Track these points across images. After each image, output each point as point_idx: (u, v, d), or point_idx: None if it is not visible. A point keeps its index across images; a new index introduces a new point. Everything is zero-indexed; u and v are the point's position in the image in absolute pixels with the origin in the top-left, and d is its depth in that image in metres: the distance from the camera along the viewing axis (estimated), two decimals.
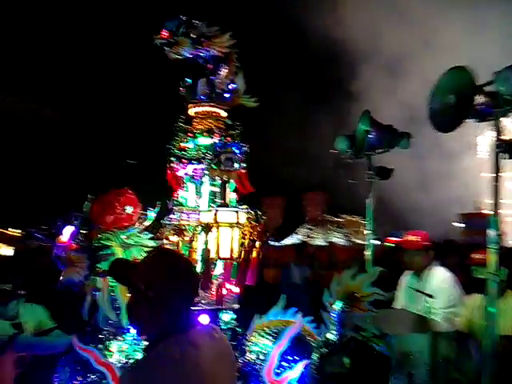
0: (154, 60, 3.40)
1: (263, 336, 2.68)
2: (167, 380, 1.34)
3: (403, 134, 4.24)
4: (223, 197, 2.72)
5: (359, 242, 14.76)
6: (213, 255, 2.46)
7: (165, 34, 2.91)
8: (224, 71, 3.04)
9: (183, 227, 2.57)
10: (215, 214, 2.56)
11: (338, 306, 2.73)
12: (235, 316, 2.73)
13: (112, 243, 2.67)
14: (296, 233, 21.07)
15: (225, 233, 2.47)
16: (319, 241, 17.43)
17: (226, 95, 3.05)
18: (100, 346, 2.50)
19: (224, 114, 3.04)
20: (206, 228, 2.44)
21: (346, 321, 2.72)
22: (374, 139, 4.14)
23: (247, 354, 2.61)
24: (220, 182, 2.75)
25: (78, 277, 2.56)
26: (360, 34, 20.14)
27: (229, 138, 2.90)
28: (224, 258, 2.48)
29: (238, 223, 2.55)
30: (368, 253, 4.32)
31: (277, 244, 10.60)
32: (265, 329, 2.72)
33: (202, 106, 2.98)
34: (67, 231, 2.57)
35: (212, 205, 2.68)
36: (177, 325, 1.45)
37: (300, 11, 20.88)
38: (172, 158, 2.84)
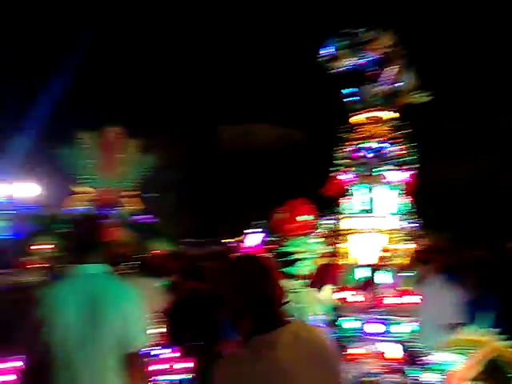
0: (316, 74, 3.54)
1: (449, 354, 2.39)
2: (235, 380, 1.40)
3: None
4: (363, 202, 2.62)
5: None
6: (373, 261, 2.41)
7: (326, 51, 3.05)
8: (388, 72, 2.94)
9: (346, 233, 2.62)
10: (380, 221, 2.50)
11: None
12: (410, 328, 2.53)
13: (298, 249, 2.96)
14: None
15: (361, 239, 2.38)
16: None
17: (392, 97, 2.93)
18: None
19: (390, 116, 2.92)
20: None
21: None
22: None
23: (425, 371, 2.38)
24: (379, 187, 2.66)
25: None
26: None
27: (395, 141, 2.77)
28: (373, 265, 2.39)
29: (392, 230, 2.41)
30: None
31: None
32: (452, 347, 2.42)
33: (366, 112, 2.96)
34: (251, 238, 2.98)
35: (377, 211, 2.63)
36: (258, 326, 1.47)
37: None
38: (337, 168, 2.91)
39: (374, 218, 2.63)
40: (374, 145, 2.83)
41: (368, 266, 2.48)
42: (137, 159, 5.71)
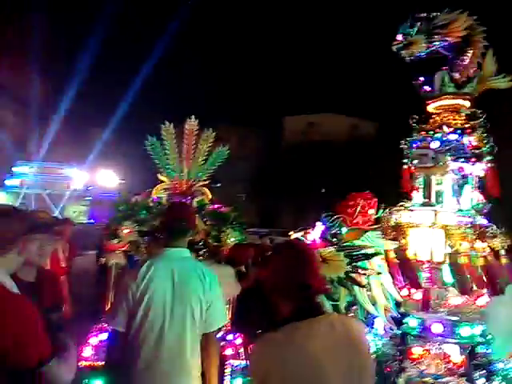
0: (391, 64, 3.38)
1: None
2: (267, 361, 1.45)
3: None
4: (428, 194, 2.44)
5: None
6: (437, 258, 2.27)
7: (400, 38, 2.89)
8: (466, 57, 2.74)
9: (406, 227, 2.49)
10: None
11: None
12: (479, 331, 2.37)
13: (365, 243, 2.87)
14: None
15: (421, 234, 2.23)
16: None
17: (470, 84, 2.73)
18: None
19: (467, 104, 2.72)
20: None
21: None
22: None
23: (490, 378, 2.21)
24: (448, 180, 2.49)
25: None
26: None
27: (469, 130, 2.58)
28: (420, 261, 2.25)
29: (460, 226, 2.24)
30: None
31: None
32: None
33: (441, 100, 2.78)
34: (315, 231, 2.92)
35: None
36: (294, 313, 1.50)
37: None
38: (407, 160, 2.77)
39: (437, 211, 2.46)
40: (448, 135, 2.65)
41: (430, 262, 2.33)
42: (212, 151, 5.85)
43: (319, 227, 2.91)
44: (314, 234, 2.91)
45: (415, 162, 2.55)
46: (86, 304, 4.61)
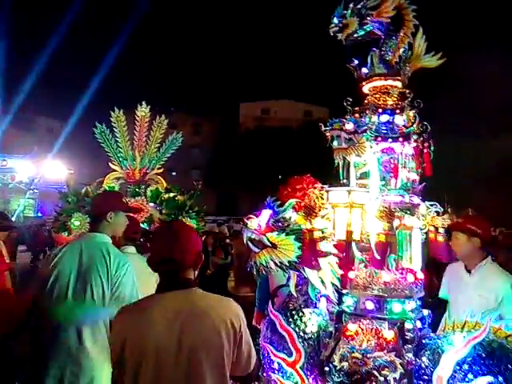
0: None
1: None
2: (123, 329, 1.68)
3: None
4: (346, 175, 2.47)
5: None
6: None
7: (335, 21, 2.86)
8: (397, 37, 2.76)
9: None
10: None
11: None
12: (411, 306, 2.44)
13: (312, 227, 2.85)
14: None
15: (340, 214, 2.26)
16: None
17: (402, 63, 2.76)
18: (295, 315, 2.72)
19: (398, 84, 2.76)
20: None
21: None
22: None
23: (423, 353, 2.29)
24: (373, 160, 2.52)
25: None
26: None
27: (398, 111, 2.61)
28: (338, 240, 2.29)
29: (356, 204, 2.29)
30: None
31: None
32: (455, 330, 2.33)
33: (372, 81, 2.80)
34: (261, 216, 2.84)
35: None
36: (158, 285, 1.71)
37: None
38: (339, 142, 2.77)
39: (351, 191, 2.46)
40: (379, 116, 2.68)
41: (353, 241, 2.35)
42: (165, 138, 5.87)
43: (266, 212, 2.85)
44: (260, 219, 2.83)
45: (333, 143, 2.53)
46: None
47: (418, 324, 2.47)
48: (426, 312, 2.60)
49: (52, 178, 21.32)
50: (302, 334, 2.63)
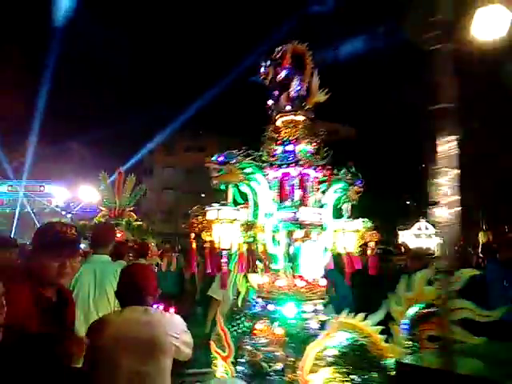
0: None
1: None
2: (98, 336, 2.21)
3: None
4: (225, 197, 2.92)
5: None
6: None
7: (261, 70, 3.39)
8: (300, 79, 3.26)
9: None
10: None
11: (409, 315, 2.38)
12: (306, 308, 2.87)
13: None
14: None
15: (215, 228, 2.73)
16: None
17: (304, 101, 3.25)
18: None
19: (301, 118, 3.24)
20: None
21: None
22: None
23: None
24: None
25: None
26: None
27: (294, 140, 3.11)
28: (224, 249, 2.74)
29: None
30: None
31: None
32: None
33: (282, 116, 3.29)
34: None
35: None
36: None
37: None
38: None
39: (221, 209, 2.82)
40: (284, 147, 3.17)
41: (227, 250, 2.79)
42: (133, 189, 9.34)
43: None
44: None
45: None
46: None
47: (313, 324, 2.86)
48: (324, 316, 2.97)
49: (87, 202, 22.71)
50: (235, 333, 3.10)
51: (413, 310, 2.44)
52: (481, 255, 7.11)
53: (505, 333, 2.38)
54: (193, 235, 2.70)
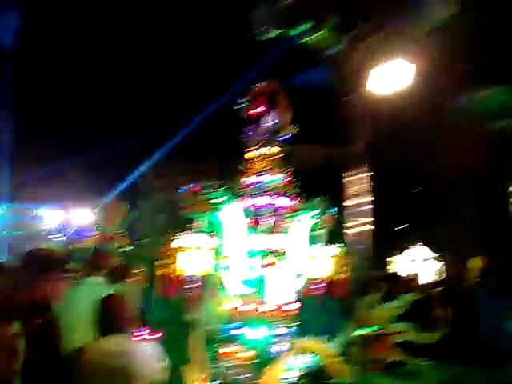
0: None
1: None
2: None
3: None
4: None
5: None
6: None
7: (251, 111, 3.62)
8: (273, 115, 3.51)
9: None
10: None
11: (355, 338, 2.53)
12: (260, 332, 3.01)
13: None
14: None
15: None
16: None
17: (277, 134, 3.50)
18: None
19: (272, 150, 3.46)
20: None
21: None
22: None
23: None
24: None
25: None
26: None
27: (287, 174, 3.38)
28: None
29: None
30: None
31: None
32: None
33: (255, 149, 3.51)
34: None
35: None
36: None
37: None
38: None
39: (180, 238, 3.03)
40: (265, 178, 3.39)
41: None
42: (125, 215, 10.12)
43: None
44: None
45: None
46: None
47: (278, 347, 3.00)
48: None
49: (80, 224, 22.64)
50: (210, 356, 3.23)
51: (359, 333, 2.58)
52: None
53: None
54: (161, 262, 2.87)
